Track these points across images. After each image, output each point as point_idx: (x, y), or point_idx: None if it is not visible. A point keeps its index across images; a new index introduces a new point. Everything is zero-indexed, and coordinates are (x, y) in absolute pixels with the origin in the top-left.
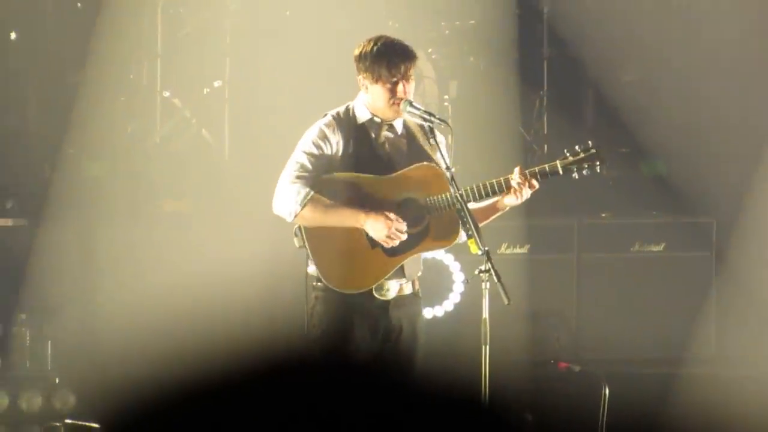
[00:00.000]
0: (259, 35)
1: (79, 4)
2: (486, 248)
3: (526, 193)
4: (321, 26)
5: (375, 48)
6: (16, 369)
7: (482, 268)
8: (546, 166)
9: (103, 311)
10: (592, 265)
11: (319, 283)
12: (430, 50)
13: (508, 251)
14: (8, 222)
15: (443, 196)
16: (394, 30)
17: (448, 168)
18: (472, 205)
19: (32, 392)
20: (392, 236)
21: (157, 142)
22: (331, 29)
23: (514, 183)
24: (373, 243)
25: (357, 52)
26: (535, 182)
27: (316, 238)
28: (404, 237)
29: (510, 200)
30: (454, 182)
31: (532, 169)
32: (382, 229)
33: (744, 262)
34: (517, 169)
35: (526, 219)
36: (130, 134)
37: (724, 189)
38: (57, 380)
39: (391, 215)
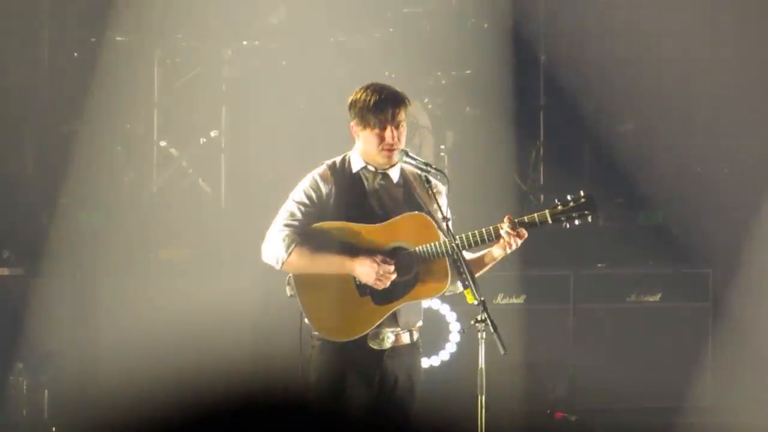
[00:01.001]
0: (255, 85)
1: (75, 54)
2: (482, 298)
3: (515, 243)
4: (317, 76)
5: (363, 94)
6: (13, 417)
7: (479, 318)
8: (535, 215)
9: (99, 360)
10: (588, 315)
11: (316, 332)
12: (426, 100)
13: (505, 301)
14: (5, 271)
15: (432, 245)
16: (390, 80)
17: (445, 218)
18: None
19: None
20: (381, 278)
21: (153, 191)
22: (327, 79)
23: (503, 233)
24: (362, 291)
25: (348, 100)
26: (523, 231)
27: (305, 287)
28: (394, 276)
29: (498, 252)
30: (451, 233)
31: (521, 218)
32: (370, 272)
33: (741, 312)
34: (506, 218)
35: (522, 269)
36: (126, 183)
37: (720, 239)
38: (54, 429)
39: (378, 257)
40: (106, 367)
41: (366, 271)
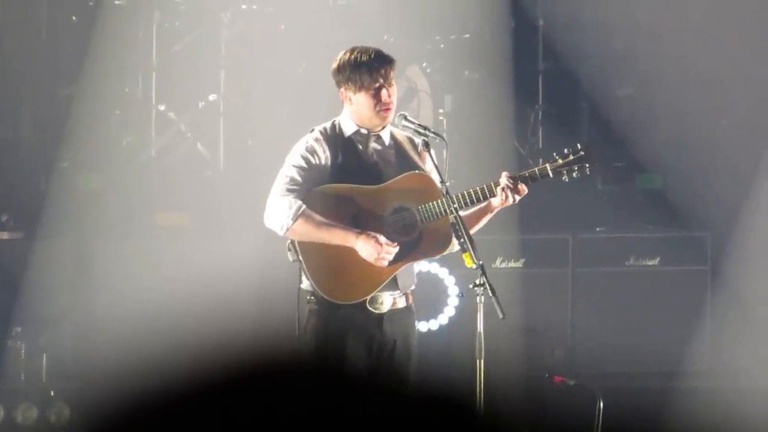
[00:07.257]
0: (254, 49)
1: (74, 17)
2: (481, 262)
3: (513, 197)
4: (316, 40)
5: (352, 57)
6: (11, 381)
7: (477, 282)
8: (536, 169)
9: (98, 324)
10: (587, 279)
11: (312, 297)
12: (425, 64)
13: (503, 265)
14: (3, 235)
15: (435, 203)
16: (389, 44)
17: (443, 182)
18: (462, 212)
19: (27, 405)
20: (382, 259)
21: (152, 155)
22: (325, 43)
23: (499, 189)
24: None
25: (335, 65)
26: (524, 187)
27: (309, 250)
28: (392, 257)
29: (497, 202)
30: (450, 196)
31: (522, 173)
32: (372, 252)
33: (739, 275)
34: (504, 174)
35: (521, 233)
36: (125, 147)
37: (718, 203)
38: (52, 393)
39: (382, 238)
40: (104, 331)
41: (368, 251)
